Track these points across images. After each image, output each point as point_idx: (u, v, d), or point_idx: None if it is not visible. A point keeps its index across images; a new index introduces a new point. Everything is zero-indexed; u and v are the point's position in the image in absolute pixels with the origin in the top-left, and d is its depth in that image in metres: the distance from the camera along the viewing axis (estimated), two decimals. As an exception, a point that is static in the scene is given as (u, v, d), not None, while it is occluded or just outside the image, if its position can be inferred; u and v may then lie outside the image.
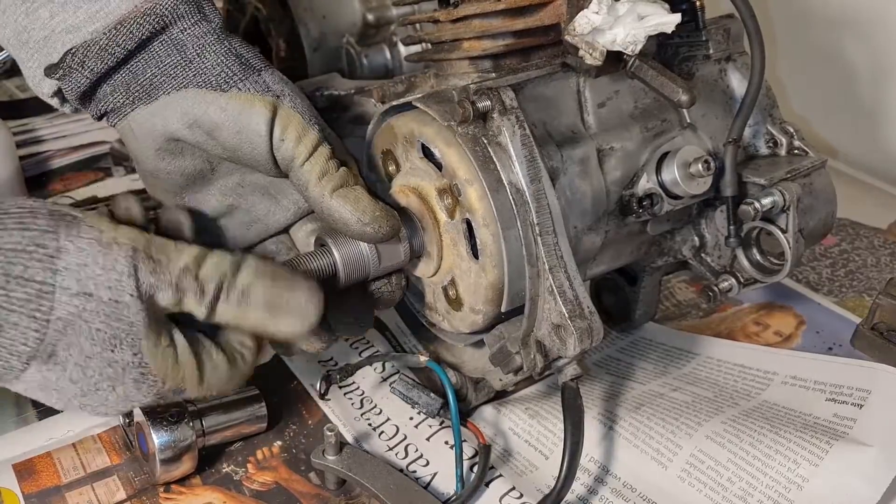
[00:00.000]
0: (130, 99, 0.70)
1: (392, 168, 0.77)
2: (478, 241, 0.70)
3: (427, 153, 0.73)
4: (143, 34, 0.68)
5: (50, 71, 0.70)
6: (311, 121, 0.71)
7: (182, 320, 0.64)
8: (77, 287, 0.59)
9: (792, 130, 0.83)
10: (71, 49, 0.69)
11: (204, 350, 0.65)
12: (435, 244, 0.74)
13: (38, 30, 0.70)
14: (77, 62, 0.69)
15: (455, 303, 0.75)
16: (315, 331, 0.71)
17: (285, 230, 0.78)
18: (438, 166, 0.72)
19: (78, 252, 0.60)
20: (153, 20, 0.68)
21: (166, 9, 0.68)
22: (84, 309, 0.60)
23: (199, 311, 0.63)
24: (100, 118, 0.73)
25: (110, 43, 0.68)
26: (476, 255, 0.71)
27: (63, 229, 0.60)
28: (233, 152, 0.71)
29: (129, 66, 0.70)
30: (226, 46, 0.71)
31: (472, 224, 0.70)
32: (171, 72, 0.70)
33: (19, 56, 0.72)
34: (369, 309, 0.76)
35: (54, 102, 0.74)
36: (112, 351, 0.61)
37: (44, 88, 0.72)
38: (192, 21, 0.70)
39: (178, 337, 0.64)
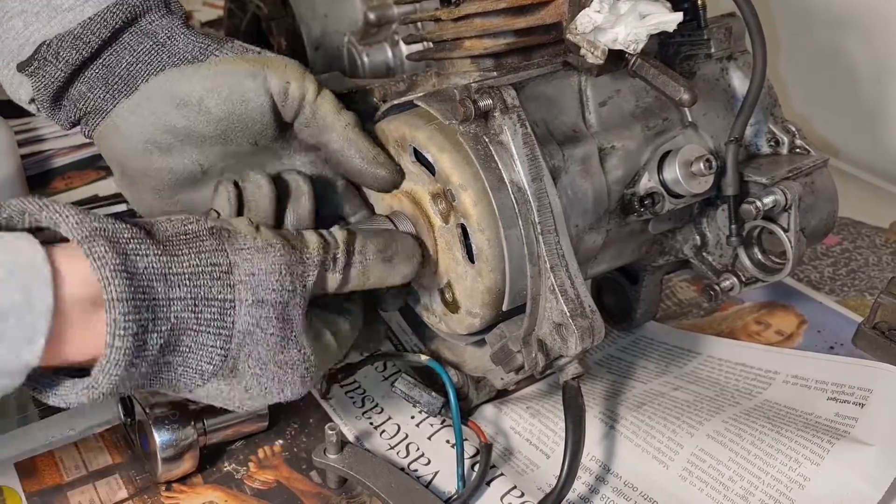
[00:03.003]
0: (110, 93, 0.70)
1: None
2: (473, 246, 0.70)
3: (419, 157, 0.73)
4: (115, 23, 0.69)
5: (23, 66, 0.69)
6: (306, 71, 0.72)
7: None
8: (251, 297, 0.61)
9: (793, 129, 0.83)
10: (45, 41, 0.68)
11: (336, 326, 0.69)
12: (430, 247, 0.74)
13: (11, 39, 0.70)
14: (52, 54, 0.68)
15: (452, 306, 0.75)
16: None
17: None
18: (431, 171, 0.72)
19: (245, 263, 0.62)
20: (124, 10, 0.69)
21: (137, 0, 0.70)
22: (259, 317, 0.62)
23: (334, 281, 0.66)
24: (74, 124, 0.72)
25: (85, 31, 0.68)
26: (472, 260, 0.71)
27: (227, 245, 0.62)
28: (226, 123, 0.70)
29: (102, 59, 0.70)
30: (193, 31, 0.72)
31: (468, 229, 0.70)
32: (146, 58, 0.70)
33: None
34: (379, 323, 0.78)
35: (32, 108, 0.73)
36: (282, 353, 0.63)
37: (21, 95, 0.72)
38: (160, 14, 0.71)
39: (318, 322, 0.67)
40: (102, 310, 0.55)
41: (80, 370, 0.58)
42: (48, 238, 0.56)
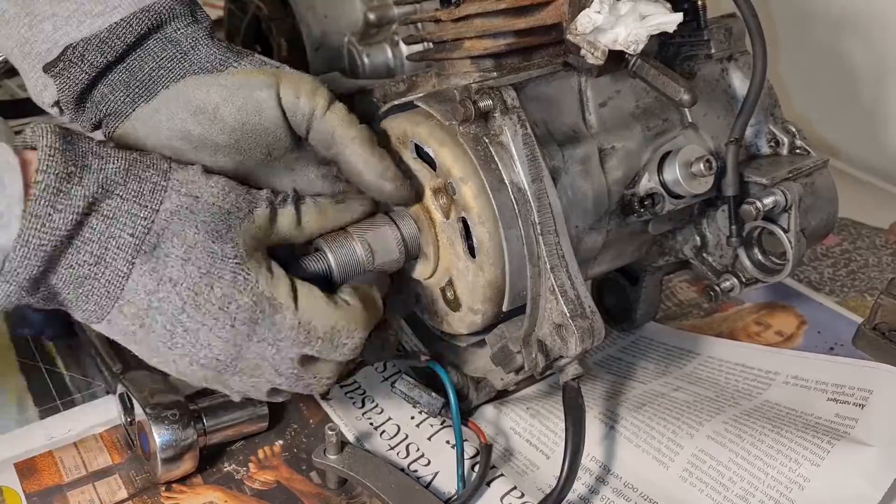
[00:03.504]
0: (130, 97, 0.71)
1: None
2: (474, 239, 0.70)
3: (420, 153, 0.73)
4: (141, 29, 0.70)
5: (49, 67, 0.70)
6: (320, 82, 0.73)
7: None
8: (185, 190, 0.66)
9: (794, 130, 0.83)
10: (71, 44, 0.69)
11: (297, 281, 0.69)
12: (431, 244, 0.74)
13: (40, 42, 0.70)
14: (77, 56, 0.69)
15: (453, 303, 0.75)
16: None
17: None
18: (432, 166, 0.72)
19: (185, 172, 0.67)
20: (151, 16, 0.70)
21: (163, 7, 0.71)
22: (191, 204, 0.65)
23: (289, 216, 0.70)
24: (96, 126, 0.74)
25: (110, 36, 0.69)
26: (473, 254, 0.71)
27: (172, 163, 0.68)
28: (239, 133, 0.71)
29: (125, 63, 0.71)
30: (216, 41, 0.73)
31: (468, 222, 0.70)
32: (168, 64, 0.71)
33: (22, 67, 0.73)
34: (388, 333, 0.77)
35: (55, 112, 0.74)
36: (213, 242, 0.65)
37: (45, 98, 0.73)
38: (186, 22, 0.72)
39: (272, 261, 0.69)
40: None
41: None
42: None
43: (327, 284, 0.71)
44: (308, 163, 0.75)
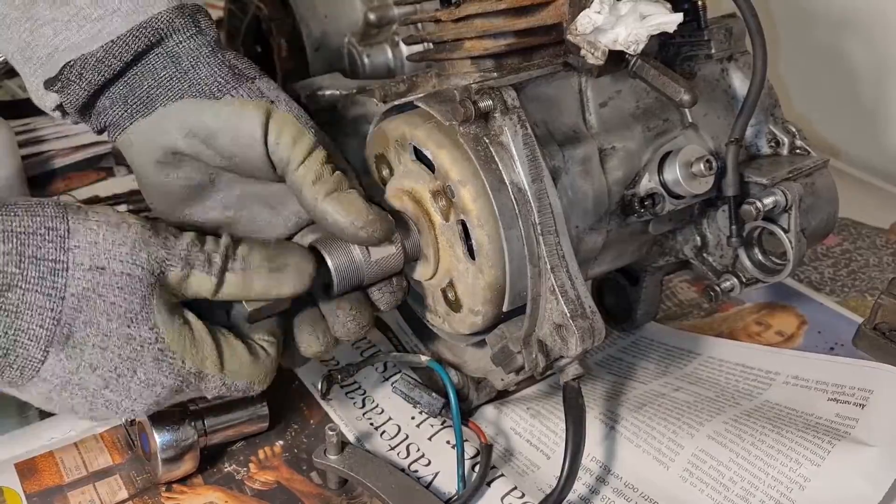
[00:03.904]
0: (129, 112, 0.71)
1: (385, 172, 0.77)
2: (473, 241, 0.70)
3: (419, 156, 0.73)
4: (138, 47, 0.69)
5: (49, 84, 0.71)
6: (307, 125, 0.71)
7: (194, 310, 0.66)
8: (89, 262, 0.61)
9: (794, 130, 0.83)
10: (69, 62, 0.69)
11: (221, 335, 0.67)
12: (431, 247, 0.74)
13: (41, 47, 0.70)
14: (75, 75, 0.69)
15: (454, 305, 0.75)
16: (313, 333, 0.72)
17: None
18: (431, 168, 0.72)
19: (87, 231, 0.62)
20: (148, 33, 0.69)
21: (162, 22, 0.69)
22: (98, 283, 0.61)
23: (208, 284, 0.65)
24: (100, 132, 0.74)
25: (107, 55, 0.69)
26: (473, 256, 0.71)
27: (71, 214, 0.62)
28: (230, 159, 0.71)
29: (125, 78, 0.71)
30: (219, 58, 0.71)
31: (468, 225, 0.70)
32: (167, 83, 0.70)
33: (23, 71, 0.73)
34: (367, 310, 0.76)
35: (56, 115, 0.74)
36: (128, 326, 0.62)
37: (46, 102, 0.73)
38: (188, 34, 0.71)
39: (192, 317, 0.66)
40: None
41: None
42: None
43: (324, 289, 0.71)
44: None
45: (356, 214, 0.70)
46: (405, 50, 1.12)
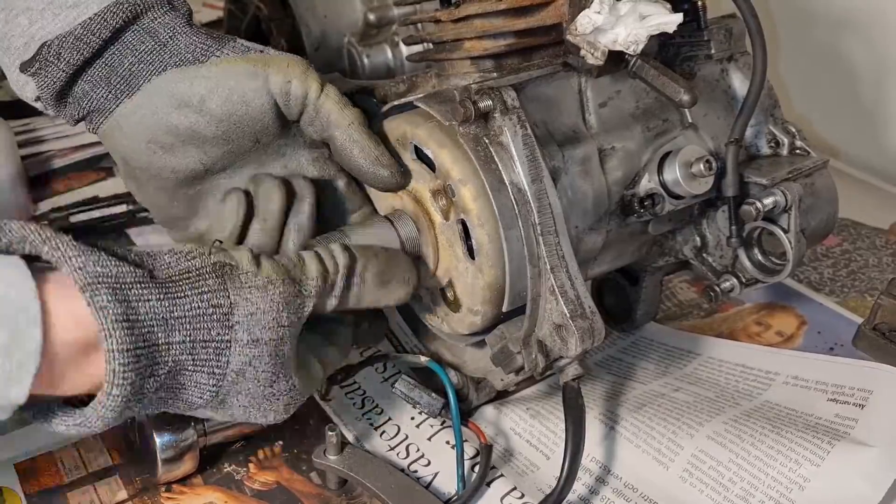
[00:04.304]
0: (113, 94, 0.70)
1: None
2: (473, 241, 0.70)
3: (420, 155, 0.73)
4: (116, 23, 0.69)
5: (26, 66, 0.70)
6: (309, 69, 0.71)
7: None
8: (247, 337, 0.61)
9: (794, 130, 0.83)
10: (46, 42, 0.68)
11: (323, 354, 0.70)
12: (431, 246, 0.74)
13: (17, 36, 0.70)
14: (53, 54, 0.68)
15: (453, 304, 0.75)
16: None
17: None
18: (432, 167, 0.72)
19: (246, 304, 0.61)
20: (124, 9, 0.69)
21: None
22: (253, 356, 0.62)
23: (330, 305, 0.66)
24: (79, 120, 0.72)
25: (85, 32, 0.68)
26: (472, 256, 0.71)
27: (229, 283, 0.61)
28: (226, 123, 0.70)
29: (104, 59, 0.70)
30: (195, 28, 0.71)
31: (468, 224, 0.70)
32: (148, 58, 0.70)
33: (3, 61, 0.72)
34: (382, 316, 0.78)
35: (39, 105, 0.73)
36: (271, 386, 0.64)
37: (27, 92, 0.72)
38: (162, 11, 0.71)
39: (307, 353, 0.68)
40: (97, 353, 0.55)
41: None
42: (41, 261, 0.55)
43: None
44: (298, 147, 0.75)
45: (383, 151, 0.72)
46: (405, 50, 1.12)
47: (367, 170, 0.72)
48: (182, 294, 0.59)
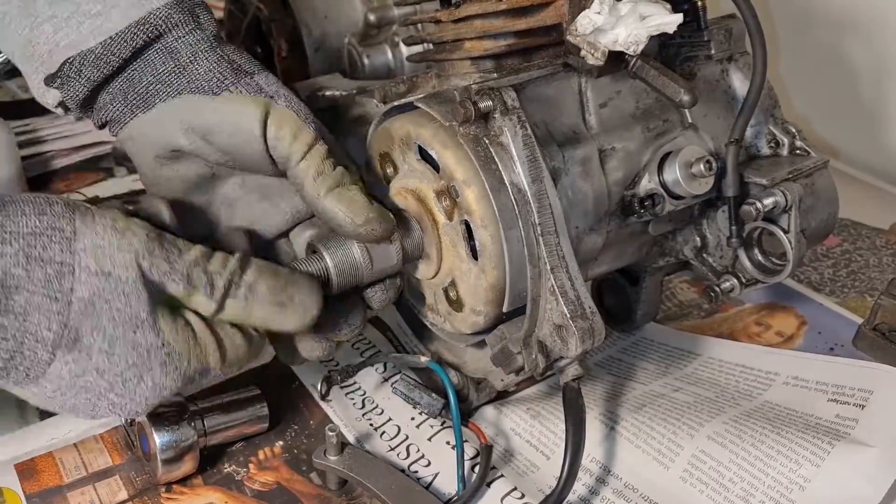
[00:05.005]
0: (129, 107, 0.71)
1: (390, 170, 0.77)
2: (476, 242, 0.70)
3: (424, 155, 0.73)
4: (136, 43, 0.69)
5: (49, 80, 0.71)
6: (308, 119, 0.71)
7: None
8: (95, 266, 0.60)
9: (794, 130, 0.83)
10: (68, 58, 0.69)
11: (220, 328, 0.66)
12: (434, 246, 0.74)
13: (42, 44, 0.71)
14: (74, 71, 0.69)
15: (456, 304, 0.75)
16: (314, 338, 0.72)
17: (285, 234, 0.78)
18: (436, 168, 0.72)
19: (94, 235, 0.60)
20: (146, 29, 0.69)
21: (160, 18, 0.69)
22: (104, 288, 0.60)
23: (207, 306, 0.64)
24: (102, 126, 0.74)
25: (105, 52, 0.69)
26: (475, 257, 0.71)
27: (78, 215, 0.61)
28: (230, 155, 0.71)
29: (125, 74, 0.71)
30: (218, 53, 0.71)
31: (471, 225, 0.70)
32: (166, 79, 0.70)
33: (25, 69, 0.73)
34: (360, 312, 0.75)
35: (59, 111, 0.75)
36: (135, 332, 0.62)
37: (48, 99, 0.73)
38: (187, 30, 0.71)
39: (192, 316, 0.65)
40: None
41: None
42: None
43: (325, 288, 0.71)
44: None
45: (357, 211, 0.69)
46: (405, 50, 1.12)
47: (346, 232, 0.70)
48: (20, 213, 0.59)
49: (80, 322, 0.60)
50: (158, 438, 0.75)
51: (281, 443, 0.83)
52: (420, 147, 0.73)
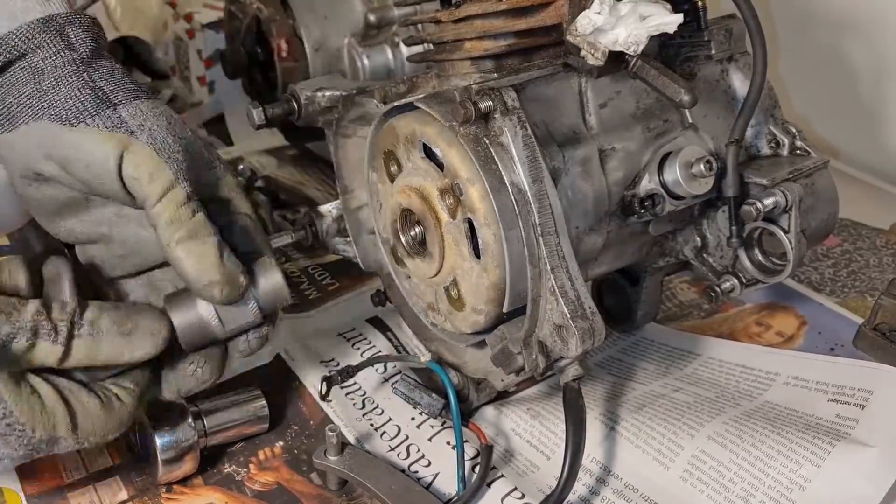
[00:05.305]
0: None
1: (394, 168, 0.77)
2: (479, 240, 0.70)
3: (429, 153, 0.73)
4: None
5: None
6: (171, 158, 0.68)
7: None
8: None
9: (794, 131, 0.83)
10: None
11: (72, 394, 0.65)
12: (437, 244, 0.74)
13: None
14: None
15: (457, 303, 0.75)
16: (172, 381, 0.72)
17: (165, 263, 0.73)
18: (440, 166, 0.72)
19: None
20: (5, 48, 0.67)
21: (20, 38, 0.67)
22: None
23: (54, 353, 0.63)
24: None
25: None
26: (478, 255, 0.71)
27: None
28: (90, 187, 0.69)
29: None
30: (84, 80, 0.69)
31: (474, 224, 0.70)
32: (27, 101, 0.68)
33: None
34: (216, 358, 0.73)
35: None
36: None
37: None
38: (53, 50, 0.68)
39: (40, 382, 0.64)
40: None
41: None
42: None
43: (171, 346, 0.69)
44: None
45: (202, 270, 0.67)
46: (405, 51, 1.12)
47: (193, 288, 0.68)
48: None
49: None
50: (159, 439, 0.75)
51: (281, 443, 0.83)
52: (425, 145, 0.73)
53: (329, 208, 0.89)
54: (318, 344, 0.95)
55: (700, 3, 0.81)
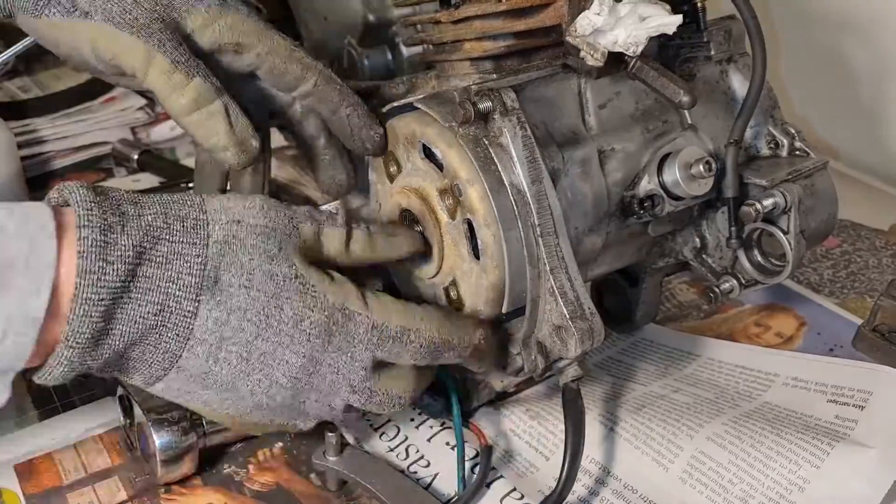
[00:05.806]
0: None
1: (393, 169, 0.77)
2: (479, 241, 0.70)
3: (428, 154, 0.73)
4: None
5: None
6: (137, 30, 0.68)
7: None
8: (226, 218, 0.64)
9: (793, 131, 0.83)
10: None
11: (366, 290, 0.68)
12: (436, 245, 0.74)
13: None
14: None
15: (456, 303, 0.75)
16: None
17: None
18: (440, 167, 0.72)
19: (220, 200, 0.65)
20: None
21: None
22: (237, 231, 0.64)
23: (339, 237, 0.68)
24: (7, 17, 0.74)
25: None
26: (477, 256, 0.71)
27: (201, 195, 0.66)
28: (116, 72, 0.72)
29: None
30: None
31: (474, 224, 0.70)
32: None
33: None
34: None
35: None
36: (269, 263, 0.64)
37: None
38: None
39: (334, 272, 0.68)
40: None
41: None
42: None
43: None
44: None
45: (213, 136, 0.70)
46: (405, 51, 1.12)
47: (214, 155, 0.72)
48: (150, 197, 0.64)
49: (218, 261, 0.63)
50: (158, 439, 0.75)
51: (280, 443, 0.83)
52: (424, 146, 0.73)
53: (329, 208, 0.89)
54: (317, 344, 0.95)
55: (699, 4, 0.81)
